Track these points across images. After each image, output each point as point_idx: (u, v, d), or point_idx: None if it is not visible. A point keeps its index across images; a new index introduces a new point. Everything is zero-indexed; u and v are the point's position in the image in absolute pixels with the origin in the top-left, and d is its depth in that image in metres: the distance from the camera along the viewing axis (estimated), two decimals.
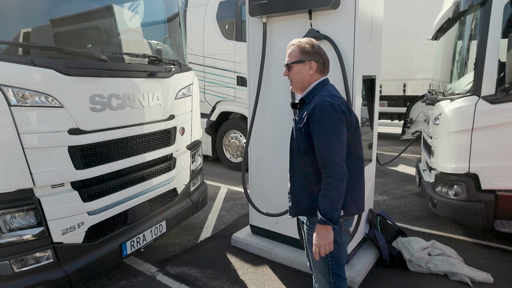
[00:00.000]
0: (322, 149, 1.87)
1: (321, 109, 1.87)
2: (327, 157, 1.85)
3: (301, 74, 2.02)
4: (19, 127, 2.23)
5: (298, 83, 2.05)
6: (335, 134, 1.86)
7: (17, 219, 2.32)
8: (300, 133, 1.98)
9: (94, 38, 3.09)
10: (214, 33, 6.87)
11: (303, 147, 1.99)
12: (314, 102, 1.93)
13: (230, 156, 7.15)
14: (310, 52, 2.00)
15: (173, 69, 3.49)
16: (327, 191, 1.86)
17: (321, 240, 1.88)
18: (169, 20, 3.97)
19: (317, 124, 1.87)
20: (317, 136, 1.88)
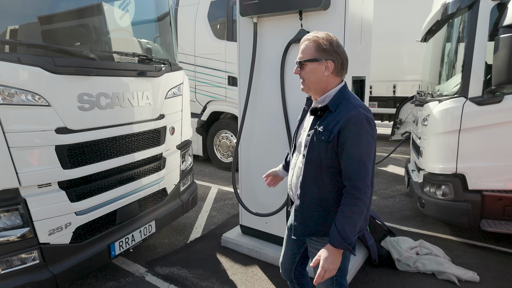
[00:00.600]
0: (353, 168, 1.68)
1: (356, 122, 1.67)
2: (359, 178, 1.67)
3: (315, 75, 1.78)
4: (4, 126, 2.19)
5: (312, 84, 1.81)
6: (369, 153, 1.70)
7: (2, 220, 2.27)
8: (325, 146, 1.73)
9: (83, 36, 3.05)
10: (205, 33, 6.85)
11: (326, 162, 1.76)
12: (346, 112, 1.70)
13: (221, 156, 7.13)
14: (328, 50, 1.74)
15: (163, 68, 3.47)
16: (352, 213, 1.69)
17: (331, 264, 1.70)
18: (160, 19, 3.95)
19: (350, 140, 1.67)
20: (349, 153, 1.68)
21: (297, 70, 1.84)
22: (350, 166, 1.69)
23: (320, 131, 1.75)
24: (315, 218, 1.86)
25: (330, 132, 1.71)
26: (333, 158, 1.75)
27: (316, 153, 1.78)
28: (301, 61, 1.80)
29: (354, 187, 1.68)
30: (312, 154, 1.80)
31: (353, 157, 1.68)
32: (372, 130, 1.71)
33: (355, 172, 1.67)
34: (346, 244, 1.68)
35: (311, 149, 1.80)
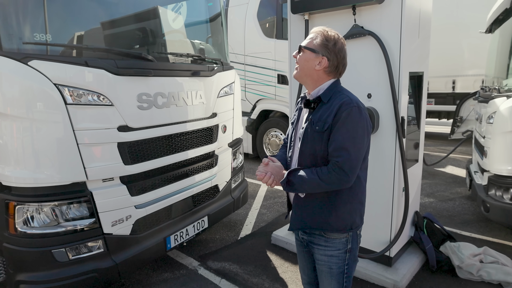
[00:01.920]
0: (336, 153, 1.65)
1: (346, 109, 1.66)
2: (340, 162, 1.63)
3: (307, 64, 1.78)
4: (74, 124, 2.38)
5: (302, 71, 1.81)
6: (355, 141, 1.66)
7: (72, 210, 2.48)
8: (320, 136, 1.72)
9: (141, 39, 3.22)
10: (254, 32, 6.90)
11: (320, 153, 1.72)
12: (338, 101, 1.70)
13: (270, 154, 7.16)
14: (329, 47, 1.74)
15: (215, 68, 3.56)
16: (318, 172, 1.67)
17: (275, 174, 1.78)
18: (212, 20, 4.05)
19: (337, 125, 1.66)
20: (333, 138, 1.67)
21: (296, 53, 1.84)
22: (333, 152, 1.67)
23: (314, 122, 1.75)
24: (312, 209, 1.83)
25: (324, 122, 1.70)
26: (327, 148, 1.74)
27: (310, 144, 1.76)
28: (302, 46, 1.81)
29: (336, 164, 1.65)
30: (306, 146, 1.78)
31: (336, 142, 1.66)
32: (362, 118, 1.69)
33: (338, 157, 1.64)
34: (286, 178, 1.74)
35: (305, 141, 1.78)
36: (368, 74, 2.98)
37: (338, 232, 1.81)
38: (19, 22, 2.41)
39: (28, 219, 2.38)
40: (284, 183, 1.74)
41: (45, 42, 2.43)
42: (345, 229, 1.80)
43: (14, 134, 2.31)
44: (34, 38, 2.40)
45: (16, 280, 2.37)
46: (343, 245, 1.83)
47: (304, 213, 1.85)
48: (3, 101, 2.28)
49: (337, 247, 1.83)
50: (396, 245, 3.13)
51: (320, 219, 1.81)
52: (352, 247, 1.85)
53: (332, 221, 1.79)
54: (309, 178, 1.69)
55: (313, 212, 1.82)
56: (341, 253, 1.84)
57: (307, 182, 1.69)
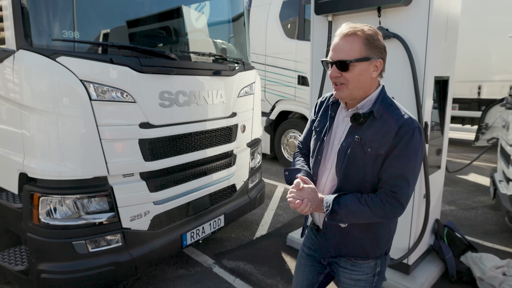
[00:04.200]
0: (394, 182, 1.44)
1: (408, 131, 1.42)
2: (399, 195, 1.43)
3: (362, 77, 1.45)
4: (97, 120, 2.43)
5: (355, 89, 1.48)
6: (415, 170, 1.47)
7: (93, 204, 2.53)
8: (373, 160, 1.47)
9: (164, 37, 3.26)
10: (276, 32, 6.90)
11: (370, 178, 1.49)
12: (394, 118, 1.45)
13: (288, 155, 7.13)
14: (378, 46, 1.45)
15: (236, 67, 3.57)
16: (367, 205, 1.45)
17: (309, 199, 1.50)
18: (234, 19, 4.06)
19: (397, 150, 1.43)
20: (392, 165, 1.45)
21: (336, 72, 1.46)
22: (389, 180, 1.44)
23: (365, 142, 1.47)
24: (349, 237, 1.61)
25: (379, 144, 1.44)
26: None
27: (359, 167, 1.49)
28: (348, 61, 1.42)
29: (392, 195, 1.44)
30: (352, 169, 1.51)
31: (395, 169, 1.43)
32: (422, 142, 1.48)
33: (396, 187, 1.43)
34: (330, 205, 1.46)
35: (352, 164, 1.50)
36: (391, 77, 2.92)
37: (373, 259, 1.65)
38: (48, 19, 2.48)
39: (51, 210, 2.45)
40: (328, 215, 1.48)
41: (73, 39, 2.50)
42: (381, 256, 1.65)
43: (40, 128, 2.38)
44: (62, 35, 2.47)
45: (38, 269, 2.45)
46: (372, 269, 1.66)
47: (340, 241, 1.63)
48: (31, 95, 2.35)
49: (365, 272, 1.66)
50: (415, 253, 3.06)
51: (357, 248, 1.62)
52: (382, 270, 1.68)
53: (370, 250, 1.62)
54: (357, 209, 1.45)
55: (350, 241, 1.61)
56: (369, 277, 1.66)
57: (355, 213, 1.46)
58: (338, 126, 1.61)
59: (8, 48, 2.40)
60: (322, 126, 1.67)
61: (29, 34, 2.36)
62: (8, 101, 2.48)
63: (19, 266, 2.57)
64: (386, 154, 1.45)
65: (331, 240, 1.65)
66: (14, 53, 2.36)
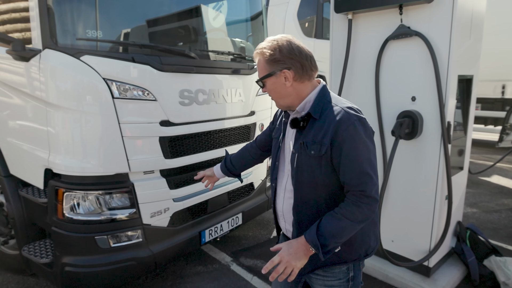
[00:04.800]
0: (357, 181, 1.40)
1: (347, 127, 1.40)
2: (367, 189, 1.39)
3: (277, 89, 1.52)
4: (120, 118, 2.48)
5: (280, 99, 1.56)
6: (370, 160, 1.43)
7: (114, 200, 2.58)
8: (318, 162, 1.45)
9: (184, 36, 3.29)
10: (294, 31, 6.88)
11: (321, 180, 1.47)
12: (332, 116, 1.43)
13: None
14: (277, 58, 1.48)
15: (255, 66, 3.57)
16: (345, 216, 1.39)
17: (291, 257, 1.41)
18: (253, 18, 4.07)
19: (345, 149, 1.40)
20: (347, 166, 1.41)
21: (263, 90, 1.60)
22: (352, 181, 1.41)
23: (308, 145, 1.47)
24: None
25: (321, 145, 1.43)
26: (329, 174, 1.46)
27: (308, 173, 1.49)
28: (258, 80, 1.57)
29: (362, 194, 1.40)
30: (303, 175, 1.50)
31: (352, 169, 1.40)
32: (368, 131, 1.46)
33: (361, 185, 1.40)
34: (318, 243, 1.39)
35: (301, 169, 1.50)
36: (413, 76, 2.88)
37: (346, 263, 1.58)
38: (73, 19, 2.54)
39: (74, 205, 2.51)
40: (321, 253, 1.40)
41: (96, 39, 2.55)
42: (359, 258, 1.59)
43: (65, 125, 2.45)
44: (86, 35, 2.53)
45: (62, 262, 2.51)
46: (344, 274, 1.60)
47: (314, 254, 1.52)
48: (56, 93, 2.42)
49: (337, 277, 1.60)
50: (436, 255, 3.00)
51: (333, 256, 1.52)
52: (355, 274, 1.62)
53: (345, 254, 1.55)
54: (340, 227, 1.40)
55: None
56: (342, 283, 1.60)
57: (341, 232, 1.40)
58: (289, 132, 1.63)
59: (35, 47, 2.47)
60: (278, 133, 1.70)
61: (55, 33, 2.42)
62: (34, 99, 2.55)
63: (44, 259, 2.65)
64: (333, 154, 1.43)
65: None
66: (40, 52, 2.42)
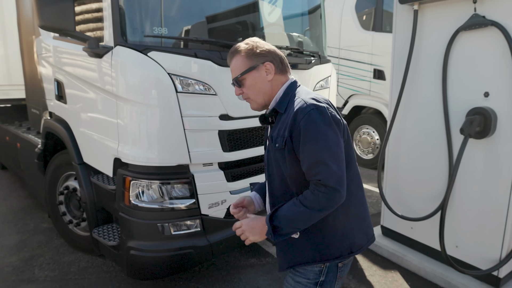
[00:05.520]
0: (314, 171, 1.35)
1: (304, 116, 1.37)
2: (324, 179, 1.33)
3: (258, 84, 1.52)
4: (182, 111, 2.58)
5: (259, 96, 1.55)
6: (329, 149, 1.35)
7: (175, 190, 2.70)
8: (282, 154, 1.45)
9: (243, 31, 3.33)
10: (351, 24, 6.67)
11: (289, 173, 1.45)
12: (292, 108, 1.42)
13: (360, 152, 6.89)
14: (260, 52, 1.51)
15: (313, 61, 3.52)
16: (303, 202, 1.36)
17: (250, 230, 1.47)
18: (311, 12, 4.01)
19: (302, 139, 1.37)
20: (304, 155, 1.38)
21: (238, 91, 1.58)
22: (309, 170, 1.37)
23: (273, 138, 1.48)
24: (294, 242, 1.51)
25: (283, 137, 1.42)
26: (294, 165, 1.44)
27: (276, 166, 1.50)
28: (238, 78, 1.54)
29: (319, 182, 1.34)
30: (272, 169, 1.52)
31: (308, 158, 1.36)
32: (326, 119, 1.37)
33: (318, 174, 1.34)
34: (270, 227, 1.38)
35: (270, 163, 1.53)
36: (486, 70, 2.66)
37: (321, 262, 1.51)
38: (141, 18, 2.69)
39: (139, 193, 2.67)
40: (271, 234, 1.39)
41: (161, 35, 2.67)
42: (342, 256, 1.51)
43: (133, 117, 2.60)
44: (153, 32, 2.65)
45: (127, 246, 2.69)
46: (315, 275, 1.53)
47: (293, 248, 1.53)
48: (126, 87, 2.57)
49: (306, 276, 1.54)
50: (508, 265, 2.76)
51: (312, 252, 1.50)
52: (326, 280, 1.53)
53: (325, 251, 1.49)
54: (296, 213, 1.37)
55: (303, 246, 1.50)
56: (309, 283, 1.53)
57: (297, 218, 1.38)
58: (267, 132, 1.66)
59: (107, 45, 2.65)
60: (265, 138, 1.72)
61: (125, 31, 2.57)
62: (105, 92, 2.74)
63: (112, 242, 2.85)
64: (294, 146, 1.41)
65: (284, 249, 1.57)
66: (112, 49, 2.59)
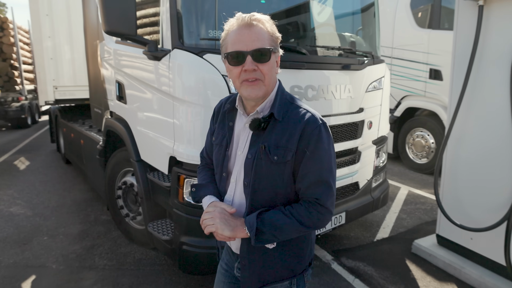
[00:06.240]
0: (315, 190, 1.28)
1: (313, 130, 1.26)
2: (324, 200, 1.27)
3: (272, 72, 1.30)
4: None
5: (270, 86, 1.31)
6: (332, 168, 1.30)
7: None
8: (281, 169, 1.29)
9: (294, 32, 3.32)
10: (406, 22, 6.40)
11: (282, 190, 1.32)
12: (296, 117, 1.29)
13: (413, 156, 6.58)
14: (278, 38, 1.31)
15: (365, 61, 3.43)
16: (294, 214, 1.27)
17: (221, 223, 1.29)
18: (364, 10, 3.90)
19: (308, 153, 1.26)
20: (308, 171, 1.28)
21: (252, 65, 1.23)
22: (308, 189, 1.28)
23: (270, 149, 1.28)
24: (271, 260, 1.38)
25: (285, 149, 1.27)
26: (291, 183, 1.31)
27: (268, 181, 1.31)
28: (267, 48, 1.24)
29: (316, 202, 1.27)
30: (262, 183, 1.31)
31: (311, 174, 1.27)
32: (330, 138, 1.31)
33: (318, 193, 1.27)
34: (255, 225, 1.25)
35: (259, 177, 1.31)
36: None
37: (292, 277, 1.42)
38: (197, 21, 2.78)
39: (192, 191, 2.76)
40: (254, 236, 1.26)
41: (216, 38, 2.74)
42: (306, 269, 1.46)
43: (188, 117, 2.69)
44: (208, 35, 2.73)
45: (180, 241, 2.79)
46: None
47: (265, 266, 1.39)
48: (182, 88, 2.67)
49: None
50: None
51: (284, 268, 1.40)
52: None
53: (297, 267, 1.42)
54: (284, 223, 1.26)
55: (275, 263, 1.39)
56: None
57: (283, 228, 1.27)
58: (240, 136, 1.41)
59: (165, 48, 2.77)
60: (221, 138, 1.46)
61: (182, 35, 2.67)
62: (162, 93, 2.86)
63: (165, 236, 2.97)
64: (295, 159, 1.28)
65: (253, 267, 1.40)
66: (170, 52, 2.70)
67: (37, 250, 3.78)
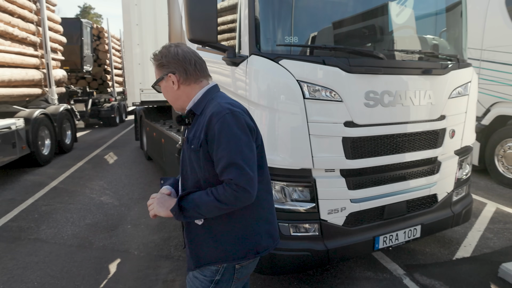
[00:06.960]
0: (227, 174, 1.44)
1: (218, 119, 1.46)
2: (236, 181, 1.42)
3: (169, 93, 1.66)
4: (308, 117, 2.65)
5: (173, 102, 1.69)
6: (242, 151, 1.45)
7: (297, 192, 2.79)
8: (197, 156, 1.53)
9: (371, 36, 3.24)
10: (500, 20, 5.81)
11: (203, 176, 1.54)
12: (209, 111, 1.52)
13: (503, 169, 5.94)
14: (164, 63, 1.60)
15: (449, 65, 3.21)
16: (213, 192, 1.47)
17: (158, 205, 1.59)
18: (449, 9, 3.65)
19: (216, 141, 1.46)
20: (218, 157, 1.47)
21: None
22: (223, 172, 1.46)
23: (189, 139, 1.58)
24: (204, 240, 1.61)
25: (199, 138, 1.51)
26: (208, 168, 1.52)
27: (190, 167, 1.58)
28: (152, 85, 1.70)
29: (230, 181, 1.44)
30: (186, 170, 1.61)
31: (222, 159, 1.45)
32: (240, 123, 1.48)
33: (230, 174, 1.43)
34: (176, 206, 1.50)
35: (184, 164, 1.62)
36: None
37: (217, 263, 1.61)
38: (274, 28, 2.87)
39: None
40: (176, 210, 1.50)
41: (291, 44, 2.80)
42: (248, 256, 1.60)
43: (262, 121, 2.77)
44: (284, 41, 2.80)
45: None
46: (211, 273, 1.62)
47: (199, 245, 1.63)
48: (258, 93, 2.77)
49: (203, 273, 1.64)
50: None
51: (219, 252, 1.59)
52: (221, 279, 1.62)
53: (231, 252, 1.58)
54: (204, 200, 1.49)
55: (208, 243, 1.61)
56: (205, 280, 1.63)
57: (203, 205, 1.49)
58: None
59: (243, 54, 2.89)
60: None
61: (259, 41, 2.78)
62: (237, 97, 2.98)
63: None
64: (209, 148, 1.49)
65: (192, 247, 1.65)
66: (247, 58, 2.82)
67: (122, 236, 4.20)
